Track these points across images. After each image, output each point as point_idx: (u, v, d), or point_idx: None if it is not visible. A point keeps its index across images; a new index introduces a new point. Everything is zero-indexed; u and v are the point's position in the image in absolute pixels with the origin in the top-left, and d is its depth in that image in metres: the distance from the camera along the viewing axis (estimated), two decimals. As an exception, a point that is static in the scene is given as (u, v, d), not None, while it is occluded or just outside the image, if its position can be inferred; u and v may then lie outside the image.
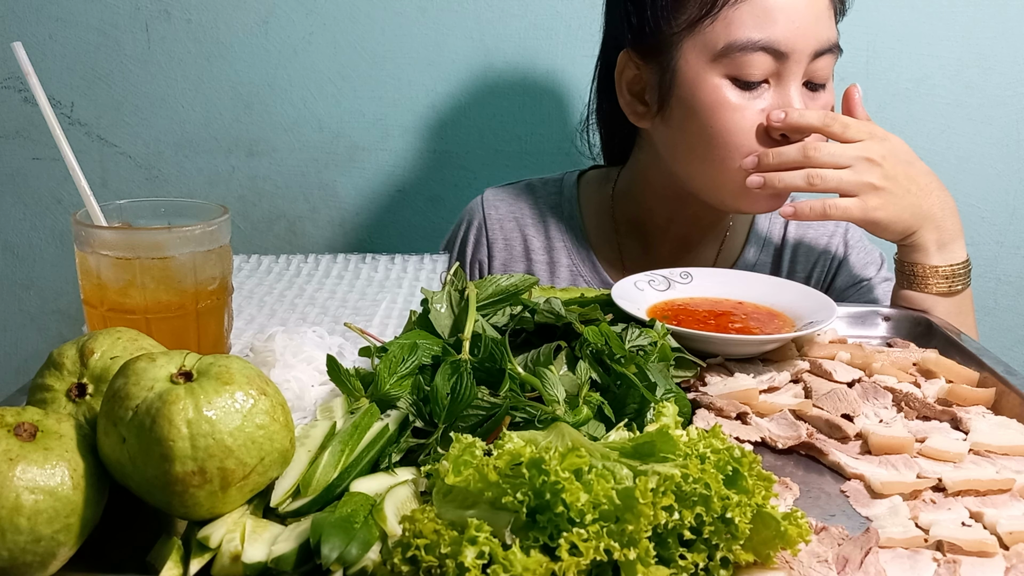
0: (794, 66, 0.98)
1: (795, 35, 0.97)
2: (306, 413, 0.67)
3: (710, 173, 1.05)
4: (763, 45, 0.97)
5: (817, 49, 0.98)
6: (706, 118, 1.01)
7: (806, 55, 0.98)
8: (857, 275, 1.19)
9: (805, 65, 0.99)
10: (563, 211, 1.24)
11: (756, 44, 0.97)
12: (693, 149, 1.04)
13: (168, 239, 0.70)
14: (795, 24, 0.97)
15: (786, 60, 0.98)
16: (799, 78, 0.99)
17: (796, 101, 0.99)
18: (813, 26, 0.98)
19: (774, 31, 0.96)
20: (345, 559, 0.49)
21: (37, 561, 0.49)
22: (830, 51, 1.00)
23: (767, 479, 0.52)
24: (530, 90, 1.47)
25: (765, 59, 0.98)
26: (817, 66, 1.00)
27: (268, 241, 1.56)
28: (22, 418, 0.52)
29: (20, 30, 1.45)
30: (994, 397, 0.77)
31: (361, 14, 1.44)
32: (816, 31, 0.98)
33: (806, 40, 0.97)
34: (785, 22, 0.96)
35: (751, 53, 0.97)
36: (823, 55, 0.99)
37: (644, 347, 0.73)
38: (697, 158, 1.05)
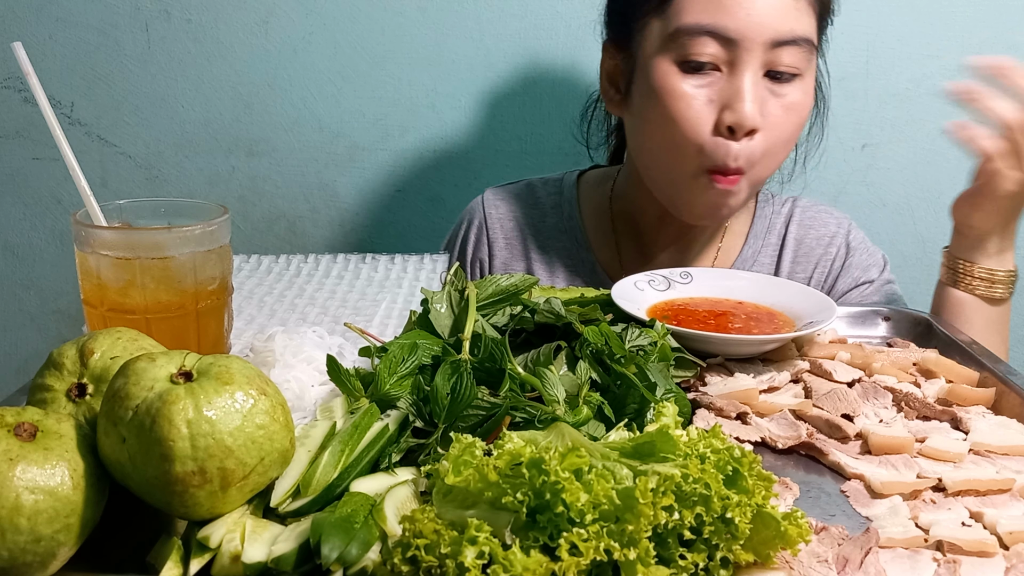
0: (745, 54, 0.96)
1: (747, 22, 0.95)
2: (306, 413, 0.67)
3: (663, 167, 1.05)
4: (710, 30, 0.96)
5: (774, 39, 0.96)
6: (655, 103, 1.01)
7: (758, 44, 0.96)
8: (859, 277, 1.19)
9: (761, 54, 0.97)
10: (563, 211, 1.24)
11: (704, 28, 0.96)
12: (648, 137, 1.05)
13: (168, 239, 0.70)
14: (747, 11, 0.95)
15: (736, 48, 0.96)
16: (755, 67, 0.97)
17: (747, 91, 0.96)
18: (770, 15, 0.96)
19: (723, 17, 0.96)
20: (345, 559, 0.49)
21: (37, 561, 0.49)
22: (794, 43, 0.97)
23: (767, 479, 0.52)
24: (530, 90, 1.47)
25: (713, 45, 0.97)
26: (779, 57, 0.97)
27: (268, 241, 1.56)
28: (22, 418, 0.51)
29: (20, 30, 1.45)
30: (994, 397, 0.77)
31: (361, 14, 1.44)
32: (773, 21, 0.96)
33: (759, 28, 0.95)
34: (737, 9, 0.96)
35: (698, 37, 0.97)
36: (784, 46, 0.97)
37: (644, 347, 0.73)
38: (651, 148, 1.06)
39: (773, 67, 0.98)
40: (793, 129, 1.01)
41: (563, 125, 1.48)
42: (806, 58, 0.99)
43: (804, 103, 1.01)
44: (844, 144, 1.48)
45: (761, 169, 1.02)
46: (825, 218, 1.22)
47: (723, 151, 0.98)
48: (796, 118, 1.01)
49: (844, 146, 1.48)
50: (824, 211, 1.23)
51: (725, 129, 0.97)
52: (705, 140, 0.98)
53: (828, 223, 1.21)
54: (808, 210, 1.22)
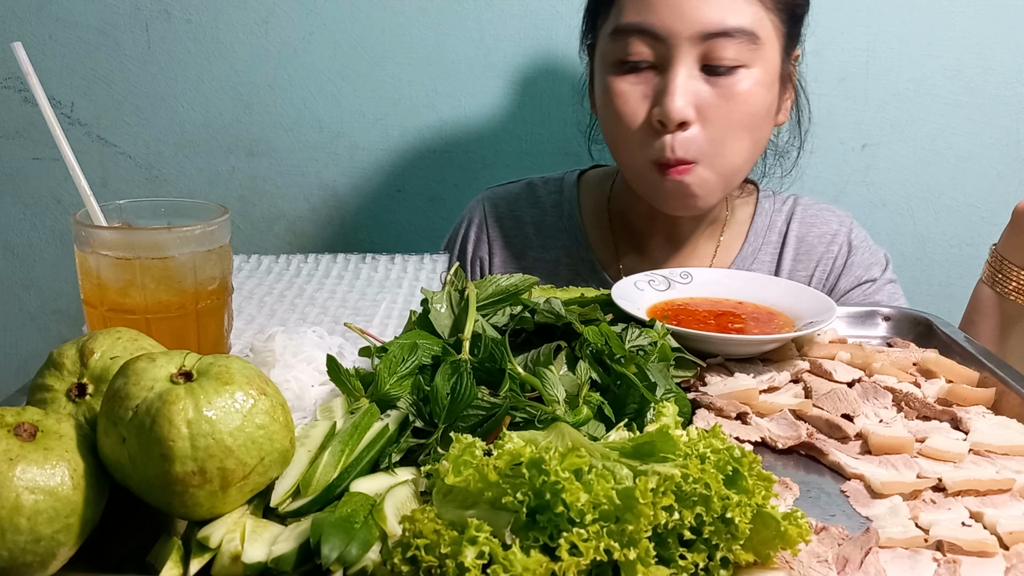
0: (675, 50, 0.98)
1: (671, 18, 0.97)
2: (306, 413, 0.67)
3: (621, 162, 1.10)
4: (639, 28, 0.99)
5: (701, 32, 0.97)
6: (602, 102, 1.06)
7: (684, 39, 0.97)
8: (861, 276, 1.18)
9: (692, 49, 0.98)
10: (563, 210, 1.24)
11: (634, 27, 0.99)
12: (605, 134, 1.10)
13: (168, 239, 0.70)
14: (671, 8, 0.97)
15: (665, 44, 0.98)
16: (688, 62, 0.98)
17: (675, 83, 0.98)
18: (696, 9, 0.97)
19: (651, 15, 0.98)
20: (345, 559, 0.49)
21: (37, 561, 0.49)
22: (726, 35, 0.97)
23: (767, 479, 0.52)
24: (530, 90, 1.47)
25: (645, 43, 0.99)
26: (714, 50, 0.98)
27: (268, 241, 1.56)
28: (22, 418, 0.51)
29: (20, 30, 1.45)
30: (994, 397, 0.77)
31: (361, 14, 1.44)
32: (699, 14, 0.97)
33: (684, 23, 0.97)
34: (663, 6, 0.97)
35: (631, 36, 1.00)
36: (717, 38, 0.97)
37: (644, 347, 0.73)
38: (609, 143, 1.10)
39: (709, 60, 0.99)
40: (742, 117, 1.01)
41: (563, 125, 1.48)
42: (747, 49, 0.99)
43: (751, 92, 1.00)
44: (844, 144, 1.48)
45: (718, 159, 1.02)
46: (827, 216, 1.22)
47: (659, 144, 1.00)
48: (742, 107, 1.00)
49: (844, 146, 1.48)
50: (826, 209, 1.23)
51: (657, 123, 1.00)
52: (639, 134, 1.02)
53: (830, 221, 1.21)
54: (810, 208, 1.22)
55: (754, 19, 0.99)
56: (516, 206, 1.26)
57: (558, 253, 1.23)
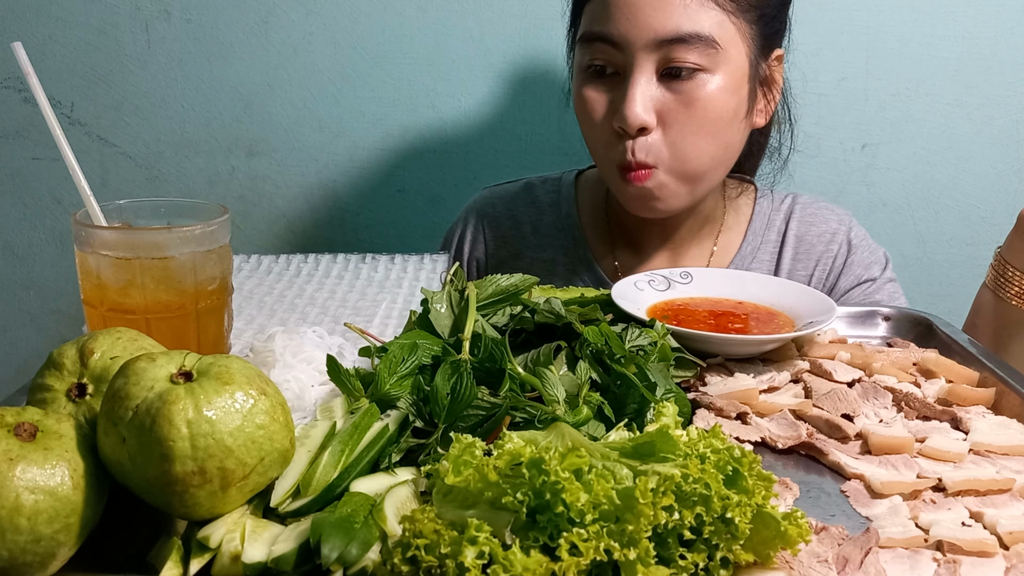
0: (632, 58, 0.99)
1: (627, 26, 0.98)
2: (306, 413, 0.67)
3: (596, 164, 1.12)
4: (599, 36, 1.01)
5: (655, 39, 0.97)
6: (575, 109, 1.09)
7: (641, 47, 0.98)
8: (862, 275, 1.18)
9: (649, 55, 0.98)
10: (560, 210, 1.24)
11: (595, 35, 1.01)
12: (582, 137, 1.11)
13: (168, 239, 0.70)
14: (627, 16, 0.98)
15: (623, 51, 1.00)
16: (644, 69, 0.99)
17: (633, 90, 0.99)
18: (649, 16, 0.97)
19: (608, 24, 1.00)
20: (345, 559, 0.49)
21: (37, 561, 0.49)
22: (682, 41, 0.97)
23: (767, 479, 0.52)
24: (530, 90, 1.47)
25: (604, 51, 1.01)
26: (671, 56, 0.98)
27: (268, 241, 1.56)
28: (22, 418, 0.51)
29: (20, 30, 1.45)
30: (994, 397, 0.77)
31: (361, 14, 1.44)
32: (654, 21, 0.97)
33: (639, 31, 0.98)
34: (619, 15, 0.99)
35: (593, 44, 1.02)
36: (674, 44, 0.97)
37: (644, 347, 0.73)
38: (589, 149, 1.11)
39: (668, 65, 0.99)
40: (702, 122, 1.01)
41: (563, 125, 1.48)
42: (706, 54, 0.99)
43: (711, 97, 1.00)
44: (844, 144, 1.48)
45: (679, 163, 1.03)
46: (826, 215, 1.21)
47: (621, 148, 1.02)
48: (702, 112, 1.00)
49: (844, 146, 1.48)
50: (825, 207, 1.22)
51: (617, 128, 1.02)
52: (604, 139, 1.04)
53: (829, 220, 1.21)
54: (809, 207, 1.22)
55: (712, 24, 0.98)
56: (513, 206, 1.26)
57: (555, 253, 1.23)
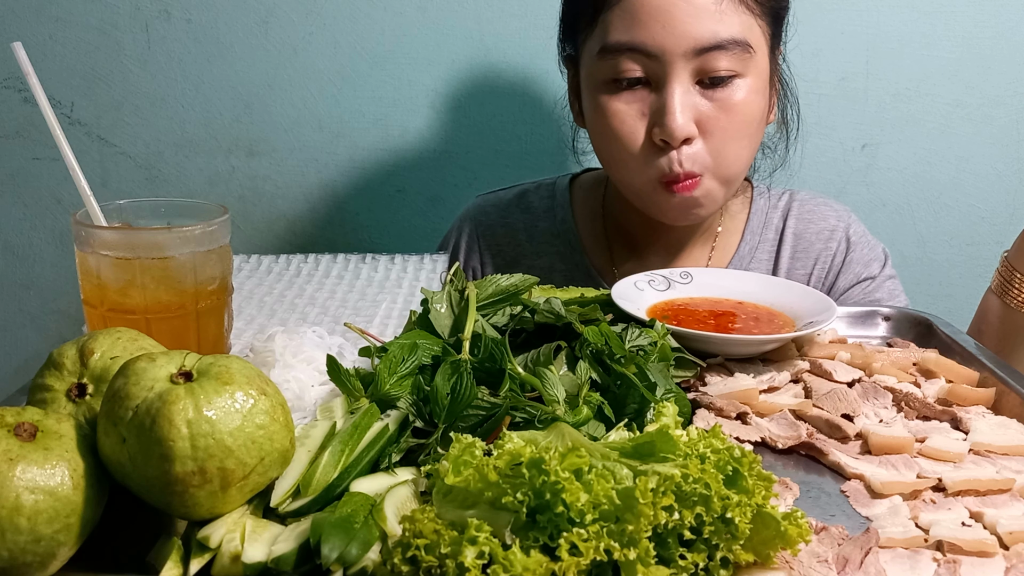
0: (669, 67, 0.96)
1: (663, 35, 0.95)
2: (306, 413, 0.67)
3: (619, 179, 1.08)
4: (630, 46, 0.97)
5: (694, 47, 0.95)
6: (595, 122, 1.04)
7: (678, 55, 0.96)
8: (861, 273, 1.18)
9: (686, 64, 0.96)
10: (556, 216, 1.24)
11: (625, 46, 0.97)
12: (599, 152, 1.08)
13: (168, 239, 0.70)
14: (662, 24, 0.95)
15: (659, 61, 0.96)
16: (683, 78, 0.97)
17: (673, 102, 0.96)
18: (686, 24, 0.95)
19: (640, 32, 0.96)
20: (345, 559, 0.49)
21: (37, 561, 0.49)
22: (720, 48, 0.96)
23: (767, 479, 0.52)
24: (530, 90, 1.47)
25: (637, 61, 0.97)
26: (708, 63, 0.97)
27: (268, 241, 1.56)
28: (22, 418, 0.51)
29: (20, 30, 1.45)
30: (994, 397, 0.77)
31: (361, 14, 1.44)
32: (691, 29, 0.95)
33: (677, 39, 0.95)
34: (652, 23, 0.95)
35: (621, 55, 0.98)
36: (711, 52, 0.96)
37: (644, 347, 0.73)
38: (604, 162, 1.08)
39: (704, 74, 0.97)
40: (741, 127, 1.00)
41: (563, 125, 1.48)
42: (740, 59, 0.98)
43: (747, 101, 1.00)
44: (844, 144, 1.48)
45: (723, 168, 1.02)
46: (824, 211, 1.21)
47: (664, 161, 1.00)
48: (741, 117, 1.00)
49: (844, 146, 1.48)
50: (823, 204, 1.22)
51: (659, 141, 0.99)
52: (641, 154, 1.00)
53: (828, 216, 1.20)
54: (807, 203, 1.21)
55: (744, 28, 0.98)
56: (507, 213, 1.25)
57: (552, 259, 1.22)
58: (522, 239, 1.24)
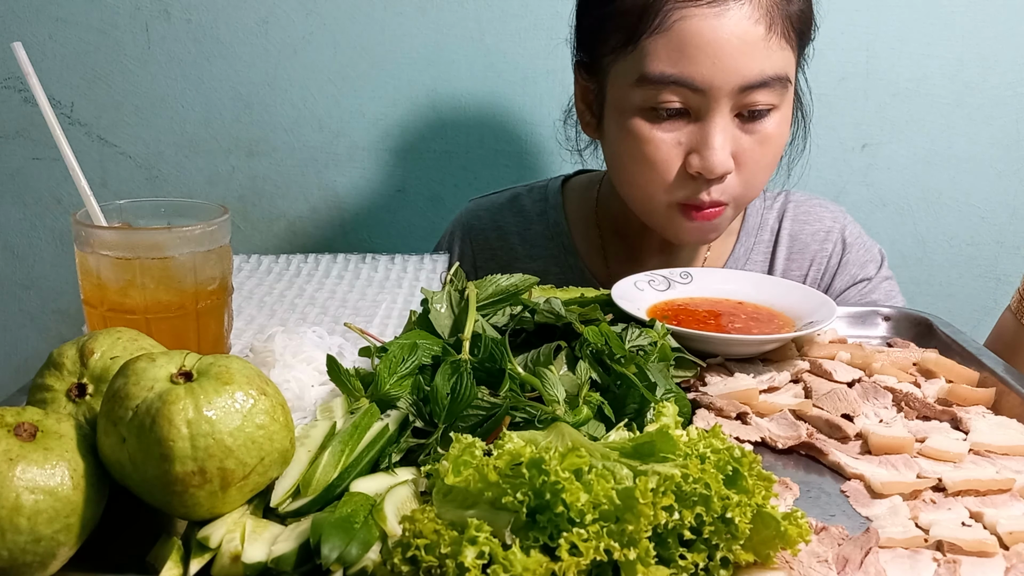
0: (713, 102, 0.94)
1: (712, 71, 0.93)
2: (306, 413, 0.67)
3: (636, 197, 1.06)
4: (675, 79, 0.94)
5: (741, 85, 0.94)
6: (624, 144, 1.01)
7: (725, 92, 0.94)
8: (857, 275, 1.17)
9: (729, 100, 0.95)
10: (548, 218, 1.23)
11: (669, 79, 0.94)
12: (620, 170, 1.05)
13: (168, 239, 0.70)
14: (712, 60, 0.92)
15: (704, 95, 0.94)
16: (723, 112, 0.95)
17: (716, 137, 0.95)
18: (736, 61, 0.93)
19: (688, 67, 0.93)
20: (345, 559, 0.49)
21: (37, 561, 0.49)
22: (764, 84, 0.95)
23: (767, 479, 0.52)
24: (530, 90, 1.47)
25: (680, 93, 0.95)
26: (750, 99, 0.95)
27: (268, 241, 1.56)
28: (22, 418, 0.51)
29: (20, 30, 1.45)
30: (994, 397, 0.77)
31: (361, 14, 1.44)
32: (741, 66, 0.93)
33: (726, 76, 0.93)
34: (701, 58, 0.92)
35: (664, 87, 0.95)
36: (755, 88, 0.94)
37: (644, 347, 0.73)
38: (624, 180, 1.06)
39: (744, 108, 0.96)
40: (772, 158, 1.01)
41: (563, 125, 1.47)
42: (779, 93, 0.97)
43: (781, 132, 1.00)
44: (844, 144, 1.48)
45: (747, 197, 1.03)
46: (820, 212, 1.20)
47: (693, 189, 0.99)
48: (774, 148, 1.00)
49: (844, 146, 1.48)
50: (819, 205, 1.21)
51: (695, 172, 0.97)
52: (673, 182, 0.99)
53: (823, 217, 1.20)
54: (802, 204, 1.21)
55: (785, 62, 0.96)
56: (500, 217, 1.25)
57: (546, 262, 1.21)
58: (515, 242, 1.23)
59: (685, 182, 0.99)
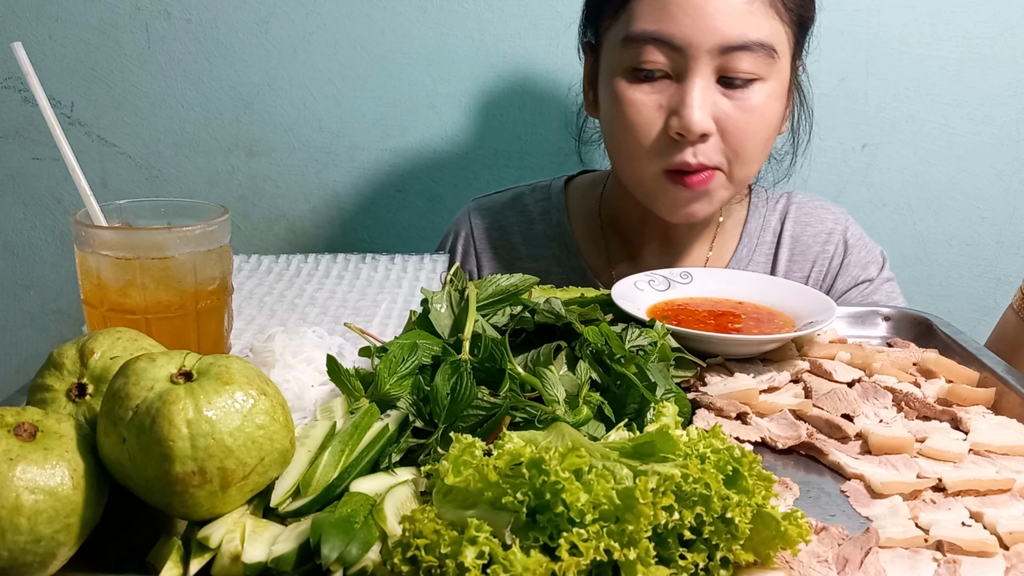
0: (693, 62, 0.96)
1: (692, 29, 0.95)
2: (306, 413, 0.67)
3: (626, 168, 1.07)
4: (655, 37, 0.97)
5: (720, 45, 0.95)
6: (611, 108, 1.04)
7: (704, 51, 0.95)
8: (859, 276, 1.18)
9: (711, 60, 0.96)
10: (551, 218, 1.23)
11: (650, 35, 0.97)
12: (610, 141, 1.07)
13: (168, 239, 0.70)
14: (692, 19, 0.95)
15: (683, 55, 0.96)
16: (705, 74, 0.97)
17: (694, 96, 0.96)
18: (718, 21, 0.95)
19: (669, 24, 0.96)
20: (345, 559, 0.49)
21: (37, 561, 0.49)
22: (746, 48, 0.96)
23: (767, 479, 0.52)
24: (530, 90, 1.47)
25: (661, 52, 0.97)
26: (732, 63, 0.96)
27: (268, 241, 1.56)
28: (22, 418, 0.51)
29: (20, 30, 1.45)
30: (994, 397, 0.77)
31: (361, 14, 1.44)
32: (722, 26, 0.95)
33: (704, 35, 0.95)
34: (681, 15, 0.95)
35: (645, 45, 0.98)
36: (736, 51, 0.96)
37: (644, 347, 0.73)
38: (614, 152, 1.08)
39: (726, 73, 0.97)
40: (758, 129, 1.00)
41: (563, 125, 1.48)
42: (764, 62, 0.98)
43: (767, 105, 1.00)
44: (844, 144, 1.48)
45: (736, 168, 1.02)
46: (822, 214, 1.21)
47: (677, 152, 0.99)
48: (759, 120, 1.00)
49: (844, 146, 1.48)
50: (821, 206, 1.22)
51: (675, 134, 0.99)
52: (654, 145, 1.00)
53: (825, 219, 1.20)
54: (804, 206, 1.21)
55: (771, 32, 0.97)
56: (502, 216, 1.25)
57: (548, 262, 1.21)
58: (518, 242, 1.23)
59: (668, 146, 1.00)
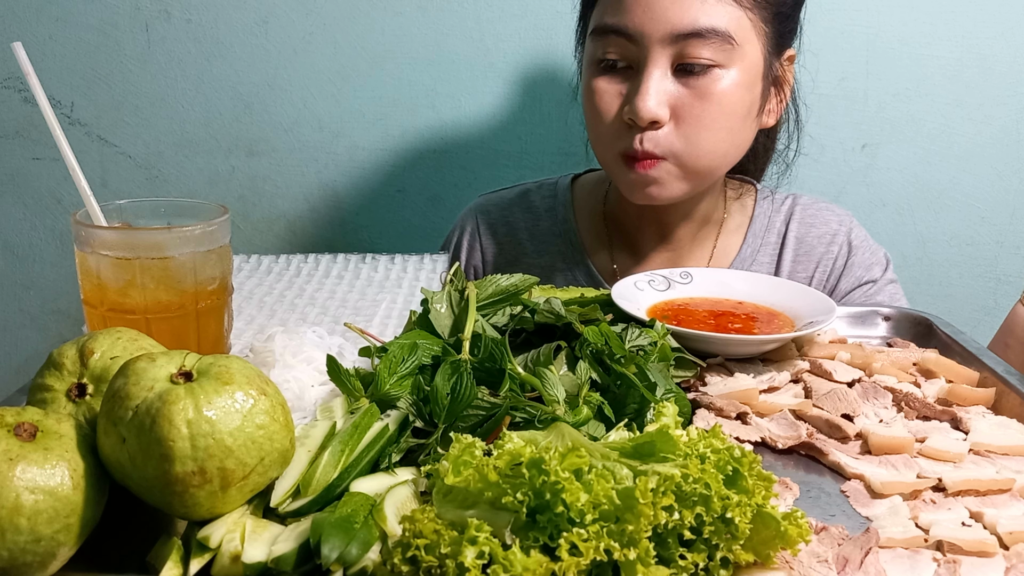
0: (647, 51, 0.99)
1: (643, 19, 0.98)
2: (306, 413, 0.67)
3: (597, 153, 1.10)
4: (613, 29, 1.00)
5: (671, 33, 0.97)
6: (583, 98, 1.08)
7: (656, 40, 0.97)
8: (862, 277, 1.18)
9: (665, 49, 0.98)
10: (557, 215, 1.24)
11: (608, 28, 1.00)
12: (586, 128, 1.11)
13: (168, 239, 0.70)
14: (643, 8, 0.97)
15: (639, 44, 0.99)
16: (659, 64, 0.99)
17: (646, 84, 0.98)
18: (667, 10, 0.97)
19: (624, 16, 0.99)
20: (345, 559, 0.49)
21: (37, 561, 0.49)
22: (698, 35, 0.97)
23: (767, 479, 0.52)
24: (530, 90, 1.47)
25: (620, 43, 1.01)
26: (687, 50, 0.98)
27: (268, 241, 1.56)
28: (22, 418, 0.51)
29: (20, 30, 1.45)
30: (994, 397, 0.77)
31: (361, 14, 1.44)
32: (671, 15, 0.97)
33: (656, 24, 0.97)
34: (635, 7, 0.98)
35: (606, 37, 1.01)
36: (690, 39, 0.97)
37: (644, 347, 0.73)
38: (589, 139, 1.11)
39: (683, 60, 0.99)
40: (716, 117, 1.01)
41: (563, 125, 1.48)
42: (722, 49, 0.98)
43: (727, 92, 1.00)
44: (844, 144, 1.48)
45: (690, 156, 1.02)
46: (826, 216, 1.21)
47: (628, 136, 1.02)
48: (717, 107, 1.00)
49: (844, 146, 1.48)
50: (825, 208, 1.22)
51: (627, 120, 1.01)
52: (612, 129, 1.04)
53: (829, 221, 1.20)
54: (809, 208, 1.21)
55: (729, 19, 0.98)
56: (509, 212, 1.26)
57: (553, 258, 1.22)
58: (523, 238, 1.24)
59: (622, 132, 1.03)
